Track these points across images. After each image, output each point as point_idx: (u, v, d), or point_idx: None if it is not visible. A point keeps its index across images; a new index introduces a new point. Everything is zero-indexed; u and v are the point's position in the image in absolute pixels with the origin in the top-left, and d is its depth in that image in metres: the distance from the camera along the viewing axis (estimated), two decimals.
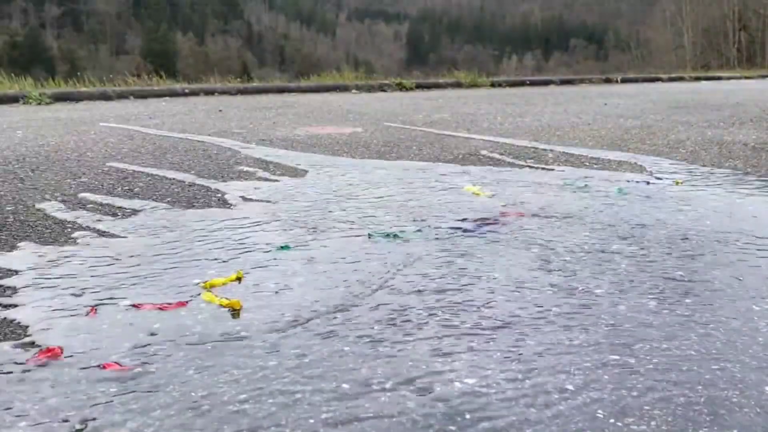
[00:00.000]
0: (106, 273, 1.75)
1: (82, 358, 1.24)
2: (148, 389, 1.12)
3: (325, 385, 1.15)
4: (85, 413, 1.05)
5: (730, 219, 2.31)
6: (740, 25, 28.44)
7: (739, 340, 1.33)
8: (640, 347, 1.30)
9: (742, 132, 4.79)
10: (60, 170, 3.19)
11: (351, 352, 1.28)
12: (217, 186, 2.85)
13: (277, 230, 2.16)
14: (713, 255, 1.89)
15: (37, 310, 1.50)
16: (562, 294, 1.58)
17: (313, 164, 3.38)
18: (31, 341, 1.34)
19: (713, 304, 1.52)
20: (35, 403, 1.07)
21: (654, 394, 1.12)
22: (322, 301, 1.55)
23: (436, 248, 1.94)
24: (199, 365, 1.20)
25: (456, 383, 1.15)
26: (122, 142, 4.12)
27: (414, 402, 1.10)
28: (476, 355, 1.25)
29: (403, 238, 2.04)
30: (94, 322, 1.44)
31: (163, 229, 2.17)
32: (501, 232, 2.09)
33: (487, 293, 1.58)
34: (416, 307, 1.49)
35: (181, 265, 1.82)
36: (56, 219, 2.30)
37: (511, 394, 1.12)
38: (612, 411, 1.06)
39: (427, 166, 3.34)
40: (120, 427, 1.00)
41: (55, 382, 1.14)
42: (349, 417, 1.05)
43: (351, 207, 2.47)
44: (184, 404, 1.06)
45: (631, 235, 2.09)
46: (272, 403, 1.08)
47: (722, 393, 1.12)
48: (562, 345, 1.30)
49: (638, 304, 1.52)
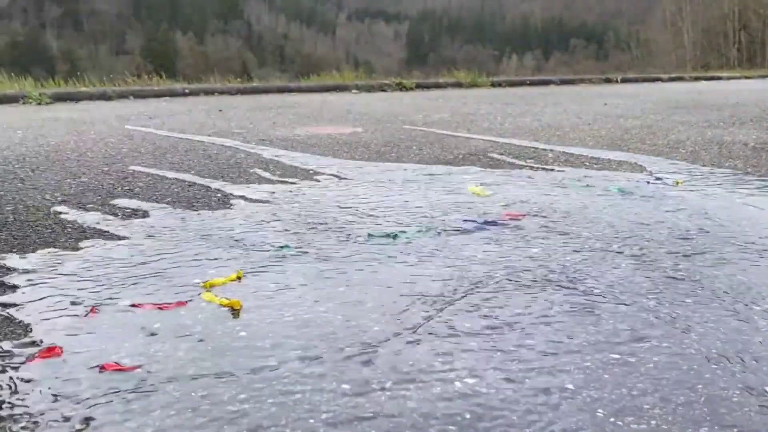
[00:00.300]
0: (106, 273, 1.75)
1: (82, 357, 1.24)
2: (148, 389, 1.12)
3: (326, 385, 1.14)
4: (86, 413, 1.05)
5: (731, 219, 2.31)
6: (740, 25, 28.45)
7: (739, 339, 1.33)
8: (641, 346, 1.30)
9: (742, 132, 4.79)
10: (60, 170, 3.19)
11: (353, 352, 1.28)
12: (217, 186, 2.85)
13: (278, 230, 2.16)
14: (713, 255, 1.89)
15: (37, 310, 1.50)
16: (563, 293, 1.58)
17: (313, 164, 3.38)
18: (32, 340, 1.34)
19: (713, 304, 1.52)
20: (35, 402, 1.07)
21: (654, 394, 1.12)
22: (321, 301, 1.55)
23: (437, 248, 1.94)
24: (199, 365, 1.20)
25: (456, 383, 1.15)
26: (122, 142, 4.12)
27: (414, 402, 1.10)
28: (476, 355, 1.25)
29: (404, 239, 2.04)
30: (94, 321, 1.44)
31: (163, 229, 2.17)
32: (501, 233, 2.10)
33: (488, 293, 1.58)
34: (416, 307, 1.49)
35: (181, 265, 1.82)
36: (57, 219, 2.30)
37: (512, 393, 1.12)
38: (612, 410, 1.06)
39: (428, 166, 3.33)
40: (120, 426, 1.00)
41: (55, 382, 1.14)
42: (349, 416, 1.05)
43: (351, 207, 2.47)
44: (184, 404, 1.06)
45: (631, 234, 2.09)
46: (272, 404, 1.08)
47: (722, 392, 1.12)
48: (562, 344, 1.30)
49: (638, 303, 1.52)
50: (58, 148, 3.85)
